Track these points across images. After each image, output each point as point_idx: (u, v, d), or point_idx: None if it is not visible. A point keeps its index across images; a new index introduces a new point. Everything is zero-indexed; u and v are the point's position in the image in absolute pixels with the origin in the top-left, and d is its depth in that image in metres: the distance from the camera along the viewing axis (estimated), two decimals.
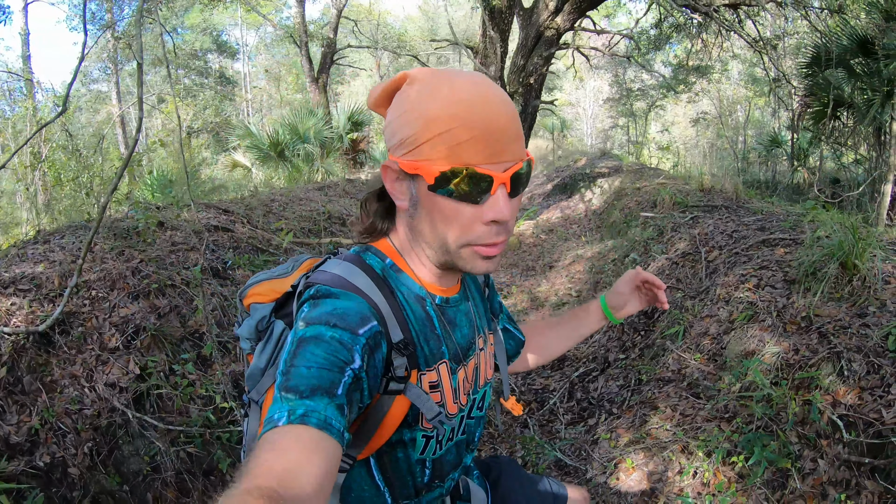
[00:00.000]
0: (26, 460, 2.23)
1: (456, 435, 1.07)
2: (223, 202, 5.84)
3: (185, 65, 23.98)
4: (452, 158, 0.84)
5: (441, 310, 1.01)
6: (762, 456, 2.31)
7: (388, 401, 0.92)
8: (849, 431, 2.21)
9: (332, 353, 0.78)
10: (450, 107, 0.84)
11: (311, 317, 0.84)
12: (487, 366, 1.14)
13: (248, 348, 1.06)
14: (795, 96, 7.26)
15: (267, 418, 0.72)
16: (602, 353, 4.35)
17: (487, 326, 1.16)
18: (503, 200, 0.88)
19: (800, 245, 3.55)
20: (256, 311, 1.04)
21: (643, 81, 18.13)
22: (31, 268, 3.20)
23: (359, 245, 1.03)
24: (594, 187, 10.66)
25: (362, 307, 0.87)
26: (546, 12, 7.86)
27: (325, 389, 0.74)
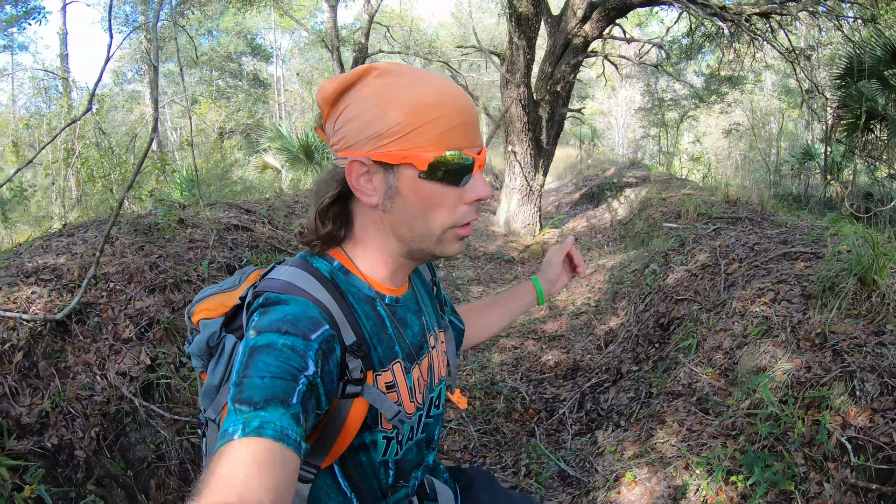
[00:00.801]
0: (35, 440, 2.30)
1: (416, 434, 1.07)
2: (246, 202, 5.94)
3: (220, 67, 24.51)
4: (444, 144, 0.86)
5: (391, 309, 1.01)
6: (762, 476, 2.25)
7: (347, 405, 0.91)
8: (857, 455, 2.13)
9: (284, 360, 0.77)
10: (437, 94, 0.86)
11: (262, 325, 0.82)
12: (441, 363, 1.14)
13: (200, 366, 1.04)
14: (829, 108, 7.06)
15: (222, 431, 0.71)
16: (615, 365, 4.30)
17: (437, 324, 1.16)
18: (482, 179, 0.93)
19: (821, 259, 3.46)
20: (206, 328, 1.02)
21: (675, 91, 17.89)
22: (54, 259, 3.31)
23: (304, 251, 1.01)
24: (621, 197, 10.55)
25: (313, 311, 0.86)
26: (574, 20, 7.82)
27: (279, 399, 0.73)
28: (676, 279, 4.69)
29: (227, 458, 0.66)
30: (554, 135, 9.09)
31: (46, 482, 2.16)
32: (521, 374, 4.52)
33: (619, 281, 5.92)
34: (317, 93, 0.94)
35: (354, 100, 0.89)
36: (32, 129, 6.58)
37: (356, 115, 0.89)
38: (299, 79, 26.72)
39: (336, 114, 0.91)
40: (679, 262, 4.95)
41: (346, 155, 0.90)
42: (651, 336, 4.31)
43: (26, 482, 2.04)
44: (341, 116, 0.90)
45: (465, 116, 0.88)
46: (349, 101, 0.90)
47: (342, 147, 0.91)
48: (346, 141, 0.90)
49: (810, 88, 6.98)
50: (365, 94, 0.88)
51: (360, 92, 0.89)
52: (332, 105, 0.92)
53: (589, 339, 5.05)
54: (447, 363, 1.18)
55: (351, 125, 0.89)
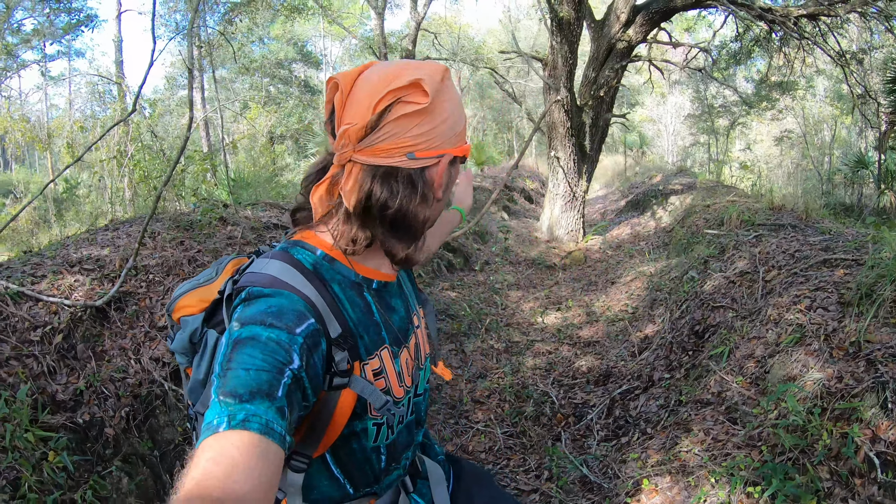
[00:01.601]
0: (68, 416, 2.44)
1: (406, 417, 1.07)
2: (288, 203, 6.10)
3: (270, 74, 25.20)
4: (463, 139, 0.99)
5: (378, 295, 1.01)
6: (781, 488, 2.16)
7: (335, 396, 0.91)
8: (885, 471, 2.03)
9: (269, 353, 0.76)
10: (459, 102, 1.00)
11: (245, 316, 0.82)
12: (424, 341, 1.14)
13: (184, 363, 1.04)
14: (882, 114, 6.74)
15: (206, 423, 0.70)
16: (647, 372, 4.22)
17: (418, 301, 1.17)
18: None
19: (862, 266, 3.32)
20: (187, 324, 1.02)
21: (725, 98, 17.40)
22: (98, 251, 3.49)
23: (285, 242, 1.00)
24: (666, 204, 10.34)
25: (298, 305, 0.85)
26: (617, 24, 7.74)
27: (264, 392, 0.73)
28: (714, 286, 4.57)
29: (211, 451, 0.66)
30: (598, 140, 8.98)
31: (74, 454, 2.28)
32: (553, 378, 4.48)
33: (658, 288, 5.81)
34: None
35: (442, 102, 0.96)
36: (87, 131, 6.94)
37: (445, 117, 0.97)
38: None
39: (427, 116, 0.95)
40: (718, 268, 4.82)
41: (442, 151, 0.97)
42: (685, 343, 4.21)
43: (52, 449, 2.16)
44: (434, 116, 0.95)
45: None
46: (442, 104, 0.96)
47: (432, 146, 0.95)
48: (431, 142, 0.95)
49: (862, 94, 6.68)
50: (447, 96, 0.98)
51: (448, 94, 0.98)
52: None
53: (624, 345, 4.97)
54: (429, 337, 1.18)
55: (441, 127, 0.98)
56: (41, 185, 7.97)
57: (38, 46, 20.11)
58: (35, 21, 17.95)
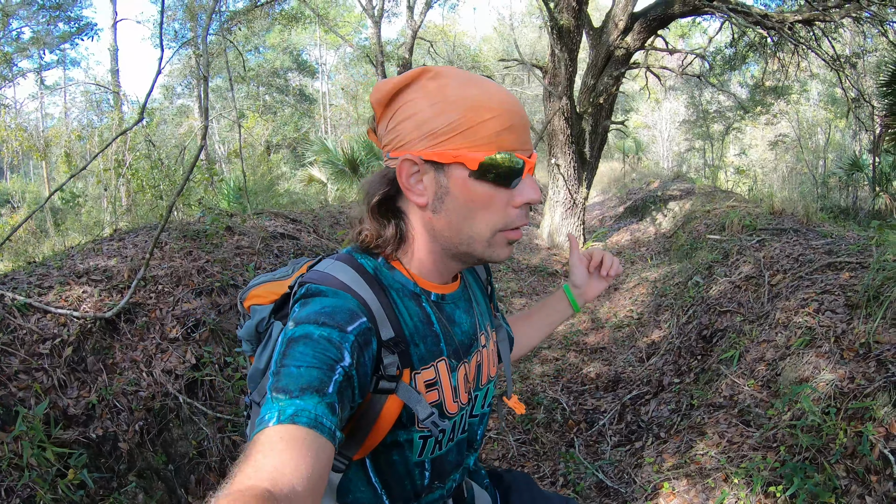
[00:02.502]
0: (80, 431, 2.42)
1: (457, 434, 1.05)
2: (293, 212, 6.10)
3: (266, 83, 25.22)
4: (495, 145, 0.87)
5: (438, 307, 1.00)
6: (802, 487, 2.18)
7: (380, 400, 0.91)
8: None
9: (321, 351, 0.78)
10: (490, 96, 0.88)
11: (300, 316, 0.84)
12: (490, 363, 1.12)
13: (249, 350, 1.07)
14: (876, 117, 6.79)
15: (258, 419, 0.72)
16: (657, 377, 4.22)
17: (490, 323, 1.15)
18: (532, 183, 0.93)
19: (866, 269, 3.35)
20: (256, 313, 1.05)
21: (720, 103, 17.52)
22: (105, 261, 3.48)
23: (351, 246, 1.01)
24: (665, 210, 10.38)
25: (351, 304, 0.87)
26: (616, 31, 7.80)
27: (315, 388, 0.74)
28: (720, 291, 4.59)
29: (261, 444, 0.68)
30: (597, 147, 9.03)
31: (89, 470, 2.26)
32: (561, 385, 4.48)
33: (663, 293, 5.83)
34: (371, 93, 0.94)
35: (409, 100, 0.90)
36: (84, 140, 6.91)
37: (410, 114, 0.89)
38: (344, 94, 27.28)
39: (389, 114, 0.92)
40: (722, 273, 4.85)
41: (397, 154, 0.91)
42: (693, 348, 4.22)
43: (70, 467, 2.14)
44: (395, 116, 0.91)
45: (517, 119, 0.89)
46: (403, 102, 0.90)
47: (394, 147, 0.92)
48: (398, 140, 0.91)
49: (857, 97, 6.73)
50: (420, 94, 0.89)
51: (416, 93, 0.90)
52: (386, 105, 0.93)
53: (631, 351, 4.98)
54: (498, 364, 1.17)
55: (404, 124, 0.90)
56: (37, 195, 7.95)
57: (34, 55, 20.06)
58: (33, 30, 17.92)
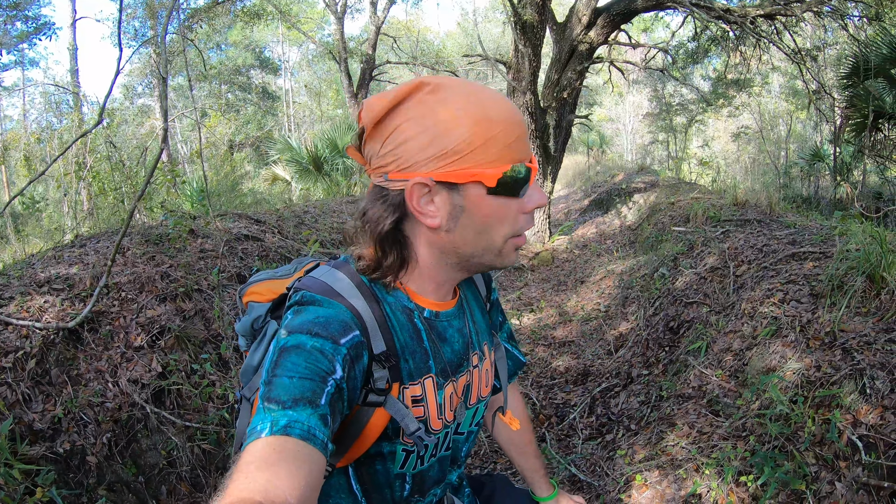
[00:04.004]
0: (47, 446, 2.34)
1: (440, 450, 1.04)
2: (256, 213, 5.99)
3: (229, 80, 24.77)
4: (508, 157, 0.85)
5: (429, 323, 0.98)
6: (772, 476, 2.23)
7: (368, 412, 0.91)
8: (869, 453, 2.09)
9: (313, 362, 0.77)
10: (495, 108, 0.84)
11: (293, 325, 0.83)
12: (482, 383, 1.10)
13: (244, 345, 1.08)
14: (837, 108, 7.01)
15: (250, 429, 0.71)
16: (626, 369, 4.28)
17: (489, 342, 1.13)
18: (538, 188, 0.92)
19: (829, 258, 3.44)
20: (253, 310, 1.05)
21: (682, 96, 17.86)
22: (66, 269, 3.36)
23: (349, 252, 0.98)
24: (630, 202, 10.53)
25: (345, 316, 0.86)
26: (579, 26, 7.86)
27: (308, 399, 0.73)
28: (686, 282, 4.67)
29: (254, 456, 0.67)
30: (562, 142, 9.10)
31: (58, 486, 2.19)
32: (531, 380, 4.51)
33: (629, 286, 5.91)
34: (362, 111, 0.87)
35: (410, 118, 0.84)
36: (44, 143, 6.69)
37: (414, 133, 0.83)
38: (308, 91, 26.96)
39: (385, 133, 0.86)
40: (688, 265, 4.93)
41: (402, 177, 0.86)
42: (661, 340, 4.29)
43: (38, 485, 2.07)
44: (394, 136, 0.85)
45: (522, 128, 0.87)
46: (403, 119, 0.84)
47: (397, 169, 0.86)
48: (402, 162, 0.85)
49: (817, 89, 6.95)
50: (421, 111, 0.83)
51: (415, 109, 0.84)
52: (379, 123, 0.86)
53: (599, 344, 5.04)
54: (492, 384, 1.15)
55: (409, 145, 0.84)
56: None
57: None
58: None
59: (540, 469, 1.41)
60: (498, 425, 1.36)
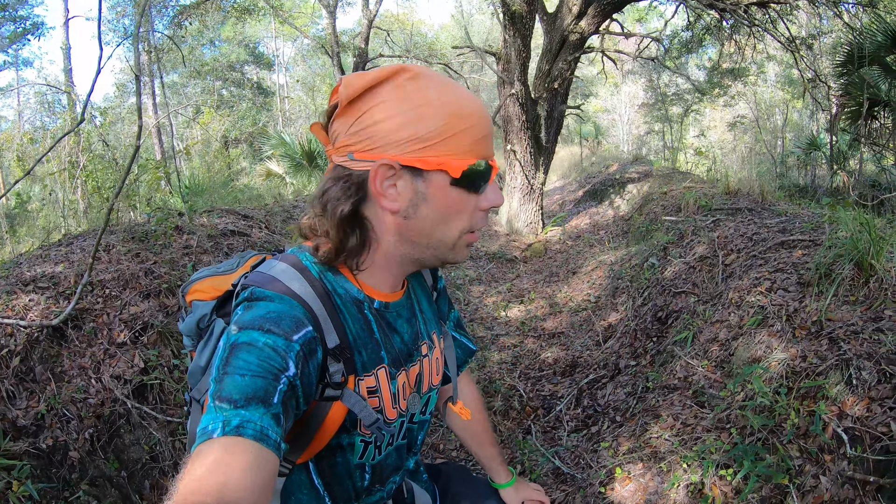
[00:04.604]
0: (30, 442, 2.34)
1: (396, 439, 1.05)
2: (244, 208, 5.98)
3: (222, 76, 24.63)
4: (475, 152, 0.87)
5: (380, 314, 0.98)
6: (752, 469, 2.20)
7: (326, 407, 0.90)
8: (854, 446, 2.05)
9: (265, 359, 0.76)
10: (470, 103, 0.87)
11: (244, 321, 0.81)
12: (433, 372, 1.10)
13: (189, 345, 1.05)
14: (832, 97, 6.98)
15: (200, 429, 0.70)
16: (613, 360, 4.27)
17: (437, 331, 1.13)
18: (495, 187, 0.94)
19: (819, 246, 3.41)
20: (197, 309, 1.03)
21: (678, 86, 17.80)
22: (52, 268, 3.35)
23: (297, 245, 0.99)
24: (623, 193, 10.50)
25: (297, 311, 0.84)
26: (570, 16, 7.81)
27: (260, 398, 0.72)
28: (675, 272, 4.65)
29: (205, 457, 0.65)
30: (554, 132, 9.06)
31: (40, 481, 2.19)
32: (519, 371, 4.50)
33: (619, 276, 5.89)
34: (339, 86, 0.87)
35: (385, 100, 0.84)
36: (37, 143, 6.66)
37: (387, 115, 0.83)
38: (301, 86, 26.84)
39: (357, 113, 0.85)
40: (677, 254, 4.92)
41: (369, 157, 0.85)
42: (649, 330, 4.28)
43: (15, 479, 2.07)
44: (365, 116, 0.85)
45: (490, 126, 0.91)
46: (377, 101, 0.84)
47: (363, 149, 0.86)
48: (370, 142, 0.85)
49: (813, 78, 6.92)
50: (397, 95, 0.84)
51: (392, 93, 0.84)
52: (352, 102, 0.86)
53: (588, 335, 5.03)
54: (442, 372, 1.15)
55: (380, 126, 0.84)
56: None
57: None
58: None
59: (497, 456, 1.40)
60: (450, 415, 1.35)
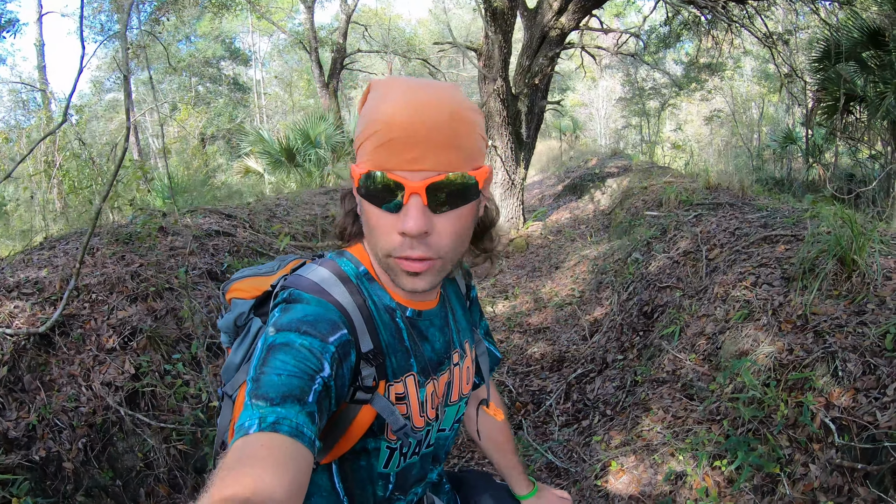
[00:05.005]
0: (23, 454, 2.30)
1: (422, 448, 1.06)
2: (227, 207, 5.91)
3: (199, 73, 24.26)
4: (373, 161, 0.81)
5: (411, 322, 0.99)
6: (746, 460, 2.26)
7: (355, 409, 0.92)
8: (841, 435, 2.12)
9: (302, 360, 0.77)
10: (377, 110, 0.81)
11: (282, 323, 0.83)
12: (463, 381, 1.11)
13: (226, 342, 1.08)
14: (808, 91, 7.13)
15: (238, 425, 0.71)
16: (601, 354, 4.32)
17: (469, 340, 1.14)
18: (415, 211, 0.81)
19: (801, 241, 3.49)
20: (236, 307, 1.05)
21: (655, 80, 17.99)
22: (35, 272, 3.28)
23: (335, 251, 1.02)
24: (604, 187, 10.57)
25: (333, 315, 0.86)
26: (550, 12, 7.83)
27: (296, 397, 0.74)
28: (659, 267, 4.71)
29: (241, 452, 0.66)
30: (534, 128, 9.09)
31: (35, 495, 2.16)
32: (507, 367, 4.53)
33: (603, 271, 5.94)
34: None
35: None
36: (12, 143, 6.50)
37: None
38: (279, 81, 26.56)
39: None
40: (661, 249, 4.98)
41: None
42: (635, 324, 4.33)
43: (14, 496, 2.03)
44: None
45: (403, 133, 0.79)
46: None
47: None
48: None
49: (789, 73, 7.05)
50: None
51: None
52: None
53: (574, 329, 5.07)
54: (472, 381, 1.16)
55: None
56: None
57: None
58: None
59: (517, 466, 1.41)
60: (480, 421, 1.36)
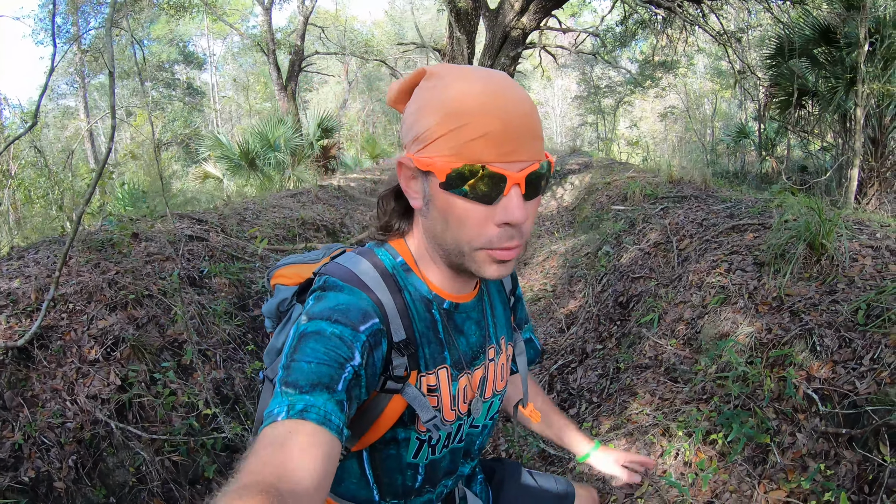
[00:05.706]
0: (11, 476, 2.20)
1: (452, 442, 1.05)
2: (197, 212, 5.79)
3: (153, 77, 23.58)
4: (465, 155, 0.80)
5: (448, 315, 0.98)
6: (741, 432, 2.37)
7: (385, 399, 0.92)
8: (824, 404, 2.26)
9: (332, 348, 0.78)
10: (463, 102, 0.80)
11: (314, 311, 0.84)
12: (498, 377, 1.10)
13: (270, 327, 1.11)
14: (761, 87, 7.41)
15: (267, 412, 0.72)
16: (580, 345, 4.41)
17: (507, 336, 1.12)
18: (517, 201, 0.82)
19: (768, 229, 3.65)
20: (279, 293, 1.08)
21: (610, 78, 18.41)
22: (7, 284, 3.15)
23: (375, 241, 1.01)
24: (565, 184, 10.76)
25: (366, 304, 0.86)
26: (512, 13, 7.95)
27: (325, 385, 0.74)
28: (631, 258, 4.84)
29: (270, 439, 0.68)
30: None
31: None
32: None
33: (574, 265, 6.05)
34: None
35: (410, 101, 0.89)
36: None
37: (405, 116, 0.90)
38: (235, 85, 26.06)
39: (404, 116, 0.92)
40: (631, 241, 5.11)
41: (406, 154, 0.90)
42: (612, 314, 4.43)
43: None
44: (402, 118, 0.92)
45: (498, 128, 0.79)
46: (405, 105, 0.91)
47: (403, 145, 0.92)
48: (402, 140, 0.92)
49: (742, 69, 7.33)
50: (416, 96, 0.88)
51: (415, 94, 0.88)
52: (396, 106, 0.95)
53: (550, 322, 5.15)
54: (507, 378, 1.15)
55: (403, 126, 0.91)
56: None
57: None
58: None
59: (569, 424, 1.39)
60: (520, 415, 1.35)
